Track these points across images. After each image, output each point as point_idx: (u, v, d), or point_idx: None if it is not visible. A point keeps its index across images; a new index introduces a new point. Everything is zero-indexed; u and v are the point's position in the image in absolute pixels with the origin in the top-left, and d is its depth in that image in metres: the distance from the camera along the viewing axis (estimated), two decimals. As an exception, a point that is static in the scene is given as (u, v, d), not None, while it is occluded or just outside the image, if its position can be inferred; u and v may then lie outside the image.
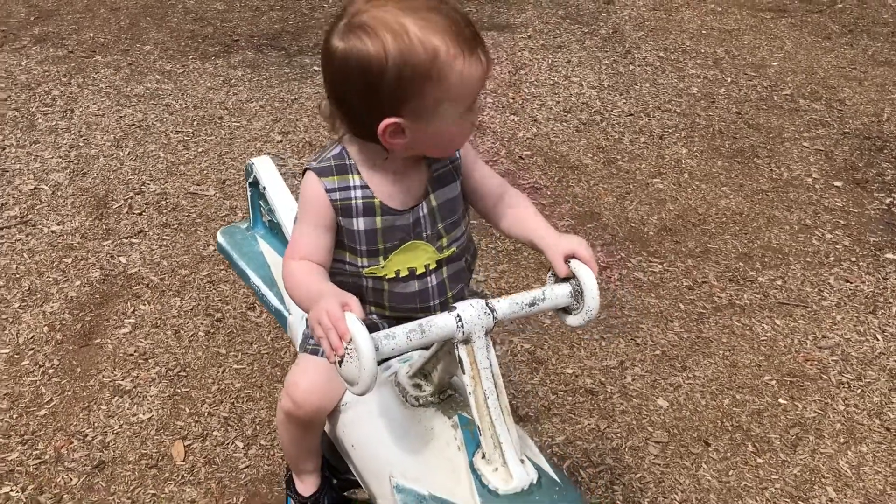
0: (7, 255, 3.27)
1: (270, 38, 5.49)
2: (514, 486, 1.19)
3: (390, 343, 1.17)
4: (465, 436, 1.27)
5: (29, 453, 2.42)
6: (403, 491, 1.27)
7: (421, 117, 1.29)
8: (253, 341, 2.87)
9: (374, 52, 1.22)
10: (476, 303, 1.23)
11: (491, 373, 1.23)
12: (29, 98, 4.54)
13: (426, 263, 1.44)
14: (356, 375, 1.13)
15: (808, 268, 3.42)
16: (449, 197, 1.45)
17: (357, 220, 1.38)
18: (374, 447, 1.37)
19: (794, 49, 5.59)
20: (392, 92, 1.25)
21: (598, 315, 1.34)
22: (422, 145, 1.35)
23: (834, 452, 2.52)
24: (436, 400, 1.35)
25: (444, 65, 1.24)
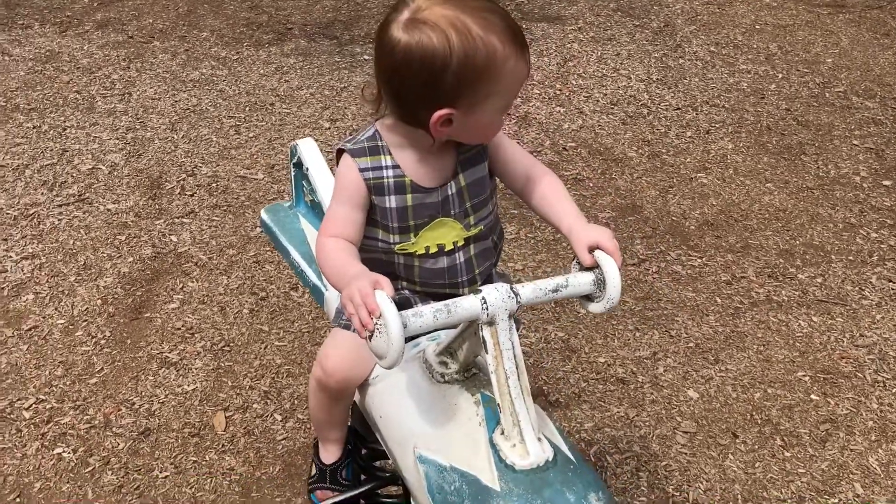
0: (65, 230, 3.42)
1: (323, 26, 5.59)
2: (530, 461, 1.24)
3: (418, 321, 1.23)
4: (487, 413, 1.33)
5: (80, 418, 2.55)
6: (426, 462, 1.34)
7: (470, 110, 1.36)
8: (294, 320, 2.96)
9: (439, 46, 1.29)
10: (501, 287, 1.28)
11: (513, 354, 1.28)
12: (90, 81, 4.70)
13: (454, 240, 1.50)
14: (385, 350, 1.20)
15: (851, 266, 3.39)
16: (477, 177, 1.51)
17: (389, 197, 1.45)
18: (401, 419, 1.44)
19: (850, 45, 5.50)
20: (451, 85, 1.32)
21: (618, 304, 1.38)
22: (461, 134, 1.43)
23: (864, 450, 2.53)
24: (461, 378, 1.41)
25: (499, 63, 1.32)
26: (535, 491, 1.22)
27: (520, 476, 1.23)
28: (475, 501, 1.24)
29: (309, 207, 2.05)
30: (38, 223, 3.45)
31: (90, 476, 2.37)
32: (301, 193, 2.06)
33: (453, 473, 1.29)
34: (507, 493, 1.22)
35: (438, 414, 1.38)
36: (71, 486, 2.34)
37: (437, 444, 1.34)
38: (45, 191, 3.67)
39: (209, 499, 2.31)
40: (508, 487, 1.23)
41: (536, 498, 1.21)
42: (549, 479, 1.23)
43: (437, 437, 1.35)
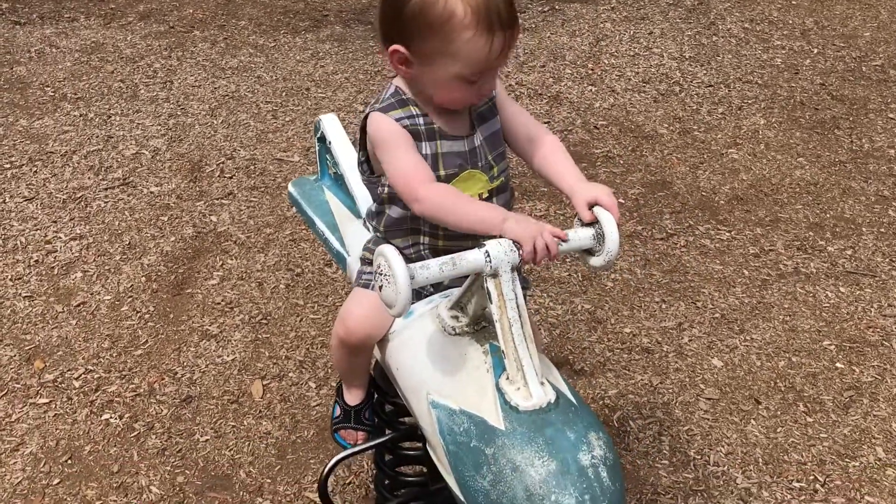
0: (111, 213, 3.57)
1: (358, 12, 5.68)
2: (533, 403, 1.32)
3: (424, 273, 1.31)
4: (494, 361, 1.41)
5: (126, 386, 2.68)
6: (437, 406, 1.42)
7: (421, 59, 1.45)
8: (328, 294, 3.07)
9: None
10: (503, 241, 1.35)
11: (516, 303, 1.35)
12: (133, 70, 4.86)
13: (480, 192, 1.58)
14: (394, 299, 1.29)
15: (882, 238, 3.40)
16: (493, 130, 1.60)
17: (423, 143, 1.53)
18: (415, 369, 1.52)
19: (889, 18, 5.44)
20: (405, 24, 1.42)
21: (617, 257, 1.44)
22: (424, 86, 1.51)
23: (888, 415, 2.55)
24: (471, 330, 1.49)
25: (454, 28, 1.39)
26: (537, 429, 1.29)
27: (523, 416, 1.31)
28: (482, 440, 1.32)
29: (333, 180, 2.14)
30: (85, 206, 3.61)
31: (136, 440, 2.50)
32: (325, 167, 2.15)
33: (462, 416, 1.37)
34: (511, 431, 1.30)
35: (449, 363, 1.46)
36: (118, 449, 2.48)
37: (447, 389, 1.43)
38: (91, 175, 3.82)
39: (247, 460, 2.43)
40: (512, 427, 1.30)
41: (538, 436, 1.28)
42: (551, 420, 1.31)
43: (448, 384, 1.44)
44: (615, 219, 1.43)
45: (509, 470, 1.27)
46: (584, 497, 1.24)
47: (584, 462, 1.27)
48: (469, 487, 1.33)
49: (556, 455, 1.27)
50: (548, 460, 1.26)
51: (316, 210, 2.07)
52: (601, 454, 1.29)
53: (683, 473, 2.37)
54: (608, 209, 1.44)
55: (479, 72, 1.45)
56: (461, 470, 1.35)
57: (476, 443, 1.32)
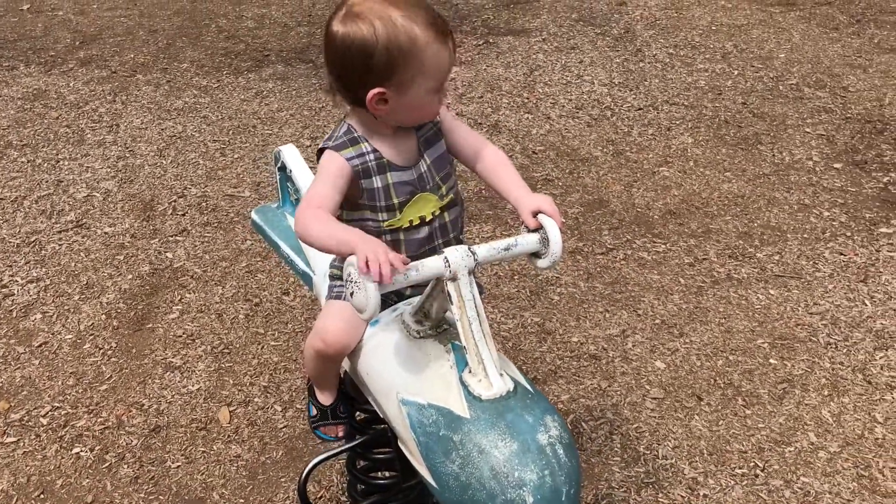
0: (66, 254, 3.62)
1: (298, 52, 5.83)
2: (493, 392, 1.47)
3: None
4: (457, 358, 1.55)
5: (94, 420, 2.74)
6: (407, 403, 1.56)
7: (399, 89, 1.60)
8: (288, 321, 3.17)
9: (367, 34, 1.55)
10: (460, 248, 1.50)
11: (474, 304, 1.50)
12: (78, 115, 4.92)
13: (432, 210, 1.73)
14: (364, 304, 1.42)
15: (805, 243, 3.64)
16: (438, 154, 1.75)
17: (375, 178, 1.67)
18: (384, 372, 1.65)
19: (801, 41, 5.79)
20: (380, 66, 1.57)
21: (561, 258, 1.60)
22: (399, 114, 1.66)
23: (818, 403, 2.75)
24: (434, 333, 1.63)
25: (421, 48, 1.56)
26: (499, 415, 1.44)
27: (486, 405, 1.45)
28: (449, 429, 1.46)
29: (294, 206, 2.27)
30: (39, 249, 3.65)
31: (108, 471, 2.56)
32: (287, 194, 2.28)
33: (430, 409, 1.50)
34: (475, 419, 1.44)
35: (416, 364, 1.60)
36: (90, 480, 2.53)
37: (415, 387, 1.56)
38: (44, 219, 3.87)
39: (219, 483, 2.51)
40: (476, 414, 1.44)
41: (500, 421, 1.43)
42: (511, 406, 1.45)
43: (416, 382, 1.58)
44: (558, 224, 1.59)
45: (476, 453, 1.41)
46: (543, 472, 1.38)
47: (543, 441, 1.42)
48: (440, 473, 1.46)
49: (517, 437, 1.41)
50: (510, 442, 1.40)
51: (280, 235, 2.19)
52: (557, 434, 1.44)
53: (635, 468, 2.53)
54: (551, 216, 1.59)
55: (443, 80, 1.63)
56: (432, 458, 1.48)
57: (444, 431, 1.46)
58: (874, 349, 2.99)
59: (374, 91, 1.58)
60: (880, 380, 2.84)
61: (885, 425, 2.66)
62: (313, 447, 2.57)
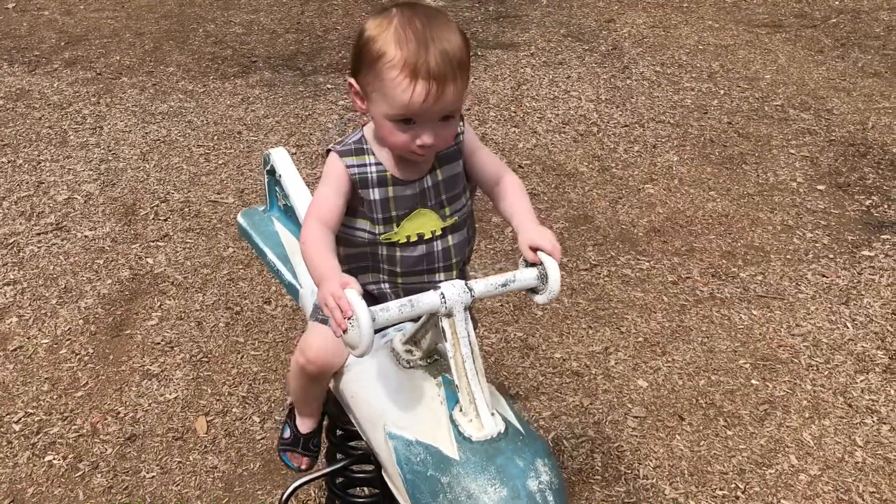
0: (45, 257, 3.57)
1: (286, 59, 5.80)
2: (484, 433, 1.43)
3: (385, 315, 1.41)
4: (447, 393, 1.52)
5: (68, 428, 2.70)
6: (394, 437, 1.52)
7: (364, 93, 1.59)
8: (268, 331, 3.14)
9: (369, 26, 1.56)
10: (457, 283, 1.46)
11: (468, 341, 1.46)
12: (61, 117, 4.87)
13: (432, 229, 1.69)
14: (357, 341, 1.38)
15: (788, 264, 3.65)
16: (453, 173, 1.71)
17: (373, 190, 1.64)
18: (371, 401, 1.62)
19: (787, 62, 5.83)
20: (356, 57, 1.58)
21: (559, 294, 1.57)
22: (375, 125, 1.63)
23: (799, 426, 2.75)
24: (424, 363, 1.60)
25: (382, 66, 1.51)
26: (489, 459, 1.41)
27: (476, 446, 1.42)
28: (438, 469, 1.42)
29: (282, 211, 2.24)
30: (17, 251, 3.60)
31: (80, 480, 2.52)
32: (275, 199, 2.25)
33: (419, 446, 1.47)
34: (465, 461, 1.41)
35: (405, 395, 1.56)
36: (63, 489, 2.49)
37: (403, 421, 1.53)
38: (23, 220, 3.82)
39: (195, 495, 2.47)
40: (466, 456, 1.41)
41: (490, 465, 1.40)
42: (502, 448, 1.42)
43: (404, 416, 1.54)
44: (557, 261, 1.55)
45: (464, 497, 1.38)
46: None
47: (533, 488, 1.39)
48: (427, 514, 1.43)
49: (506, 482, 1.38)
50: (499, 487, 1.37)
51: (266, 241, 2.16)
52: (548, 480, 1.41)
53: (615, 487, 2.52)
54: (550, 253, 1.56)
55: (402, 116, 1.54)
56: (419, 497, 1.45)
57: (432, 472, 1.43)
58: (855, 372, 2.99)
59: (350, 79, 1.60)
60: (861, 403, 2.85)
61: (866, 449, 2.66)
62: (294, 474, 2.54)
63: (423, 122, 1.55)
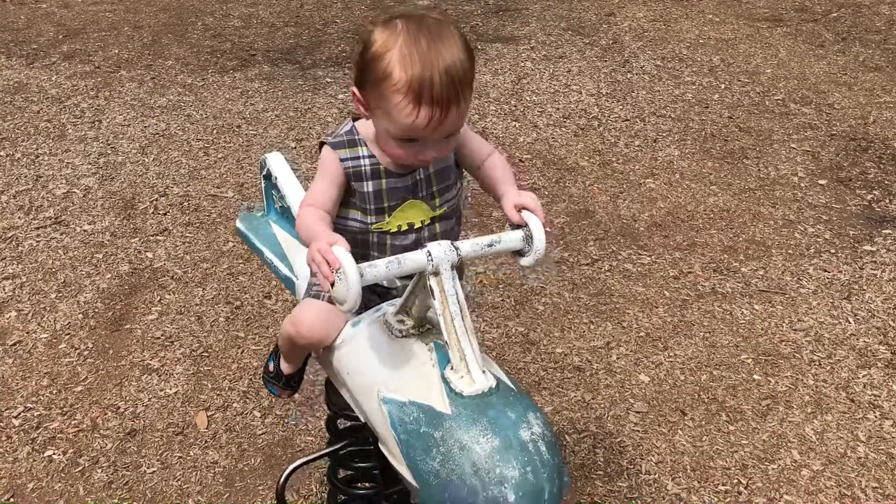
0: (43, 251, 3.55)
1: (285, 52, 5.78)
2: (476, 388, 1.44)
3: (372, 271, 1.43)
4: (439, 356, 1.53)
5: (68, 423, 2.68)
6: (388, 402, 1.53)
7: (368, 105, 1.58)
8: (269, 325, 3.12)
9: (378, 33, 1.52)
10: (443, 242, 1.48)
11: (457, 299, 1.48)
12: (59, 110, 4.84)
13: (422, 219, 1.70)
14: (344, 295, 1.39)
15: (790, 259, 3.64)
16: (444, 165, 1.72)
17: (366, 183, 1.65)
18: (365, 371, 1.63)
19: (787, 57, 5.81)
20: (360, 69, 1.56)
21: (545, 256, 1.57)
22: (377, 134, 1.62)
23: (801, 421, 2.74)
24: (416, 332, 1.61)
25: (387, 88, 1.49)
26: (480, 412, 1.41)
27: (467, 401, 1.43)
28: (430, 425, 1.43)
29: (280, 214, 2.23)
30: (16, 245, 3.59)
31: (80, 475, 2.51)
32: (272, 202, 2.25)
33: (411, 406, 1.48)
34: (457, 415, 1.41)
35: (398, 362, 1.58)
36: (63, 484, 2.48)
37: (396, 385, 1.54)
38: (21, 214, 3.80)
39: (195, 490, 2.46)
40: (458, 410, 1.42)
41: (482, 417, 1.40)
42: (493, 402, 1.43)
43: (397, 380, 1.55)
44: (541, 221, 1.56)
45: (457, 449, 1.38)
46: (525, 469, 1.36)
47: (525, 437, 1.39)
48: (420, 470, 1.43)
49: (499, 433, 1.38)
50: (492, 437, 1.38)
51: (264, 242, 2.16)
52: (540, 431, 1.41)
53: (618, 482, 2.51)
54: (534, 212, 1.57)
55: (408, 138, 1.54)
56: (412, 455, 1.45)
57: (425, 428, 1.43)
58: (857, 367, 2.99)
59: (354, 88, 1.59)
60: (863, 398, 2.84)
61: (868, 444, 2.65)
62: (292, 455, 2.53)
63: (426, 142, 1.56)
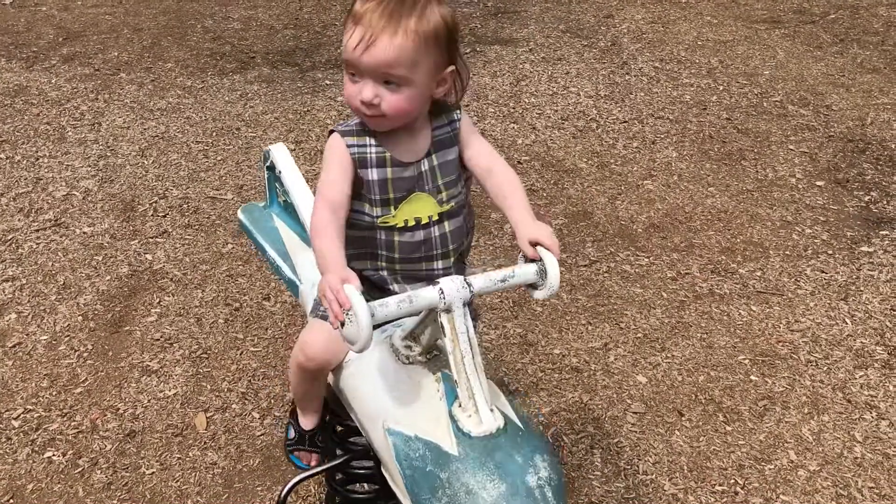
0: (43, 253, 3.56)
1: (285, 54, 5.79)
2: (483, 429, 1.43)
3: (383, 311, 1.41)
4: (447, 388, 1.51)
5: (68, 424, 2.69)
6: (394, 433, 1.52)
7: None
8: (268, 327, 3.13)
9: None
10: (456, 279, 1.46)
11: (468, 336, 1.46)
12: (59, 113, 4.86)
13: (429, 214, 1.70)
14: (356, 336, 1.37)
15: (787, 260, 3.65)
16: (448, 158, 1.72)
17: (371, 170, 1.66)
18: (371, 397, 1.62)
19: (785, 58, 5.82)
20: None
21: (558, 290, 1.56)
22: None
23: (798, 421, 2.75)
24: (423, 359, 1.60)
25: (349, 19, 1.57)
26: (488, 454, 1.40)
27: (475, 442, 1.42)
28: (436, 465, 1.42)
29: (282, 207, 2.23)
30: (16, 248, 3.60)
31: (80, 476, 2.51)
32: (275, 195, 2.25)
33: (418, 442, 1.47)
34: (464, 456, 1.41)
35: (404, 391, 1.56)
36: (62, 486, 2.49)
37: (403, 417, 1.53)
38: (21, 217, 3.81)
39: (195, 491, 2.47)
40: (465, 452, 1.41)
41: (489, 460, 1.40)
42: (501, 444, 1.42)
43: (403, 412, 1.54)
44: (556, 257, 1.55)
45: (463, 493, 1.38)
46: None
47: (532, 483, 1.39)
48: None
49: (505, 478, 1.38)
50: (498, 483, 1.37)
51: (266, 237, 2.16)
52: (546, 475, 1.41)
53: (615, 483, 2.52)
54: (549, 248, 1.56)
55: (348, 62, 1.58)
56: (417, 493, 1.45)
57: (431, 468, 1.43)
58: (854, 368, 2.99)
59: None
60: (860, 399, 2.85)
61: (865, 445, 2.66)
62: (293, 470, 2.53)
63: (362, 78, 1.58)
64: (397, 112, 1.61)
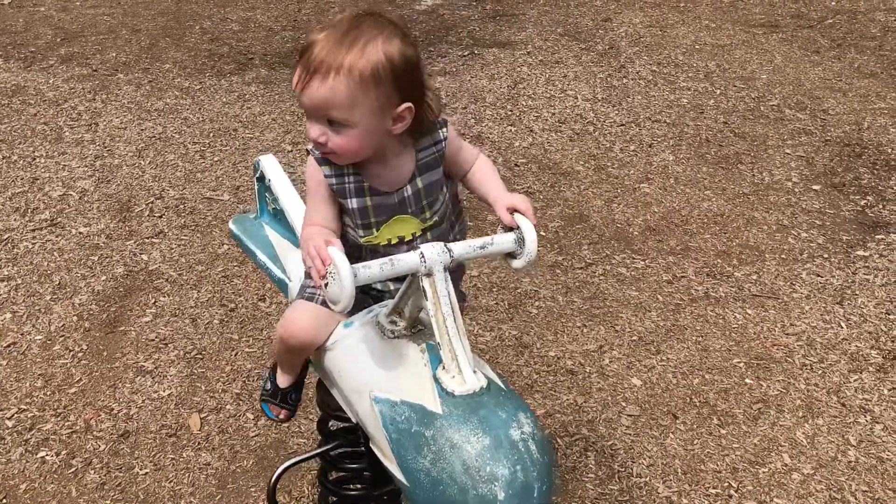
0: (39, 253, 3.56)
1: (282, 56, 5.80)
2: (467, 388, 1.45)
3: (366, 272, 1.45)
4: (431, 357, 1.54)
5: (62, 424, 2.69)
6: (380, 401, 1.54)
7: None
8: (263, 328, 3.13)
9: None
10: (436, 244, 1.50)
11: (449, 300, 1.49)
12: (56, 113, 4.86)
13: (413, 232, 1.70)
14: (338, 295, 1.41)
15: (783, 264, 3.65)
16: (433, 180, 1.71)
17: (350, 200, 1.65)
18: (357, 372, 1.64)
19: (783, 62, 5.84)
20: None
21: (536, 258, 1.59)
22: None
23: (792, 425, 2.75)
24: (408, 333, 1.62)
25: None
26: (472, 411, 1.42)
27: (458, 400, 1.44)
28: (422, 424, 1.44)
29: (272, 216, 2.24)
30: (12, 247, 3.59)
31: (73, 476, 2.51)
32: (264, 205, 2.25)
33: (403, 406, 1.49)
34: (448, 414, 1.43)
35: (390, 363, 1.59)
36: (56, 486, 2.48)
37: (388, 385, 1.55)
38: (17, 216, 3.81)
39: (188, 491, 2.47)
40: (449, 410, 1.43)
41: (473, 416, 1.41)
42: (484, 402, 1.44)
43: (389, 380, 1.56)
44: (533, 223, 1.57)
45: (448, 448, 1.39)
46: (515, 467, 1.37)
47: (515, 437, 1.40)
48: (411, 469, 1.44)
49: (489, 432, 1.39)
50: (482, 436, 1.39)
51: (257, 244, 2.17)
52: (530, 430, 1.42)
53: (609, 485, 2.52)
54: (524, 213, 1.58)
55: (303, 106, 1.57)
56: (403, 454, 1.46)
57: (417, 427, 1.44)
58: (849, 371, 3.00)
59: None
60: (854, 402, 2.85)
61: (858, 448, 2.66)
62: (284, 457, 2.54)
63: (308, 117, 1.57)
64: (345, 152, 1.58)
